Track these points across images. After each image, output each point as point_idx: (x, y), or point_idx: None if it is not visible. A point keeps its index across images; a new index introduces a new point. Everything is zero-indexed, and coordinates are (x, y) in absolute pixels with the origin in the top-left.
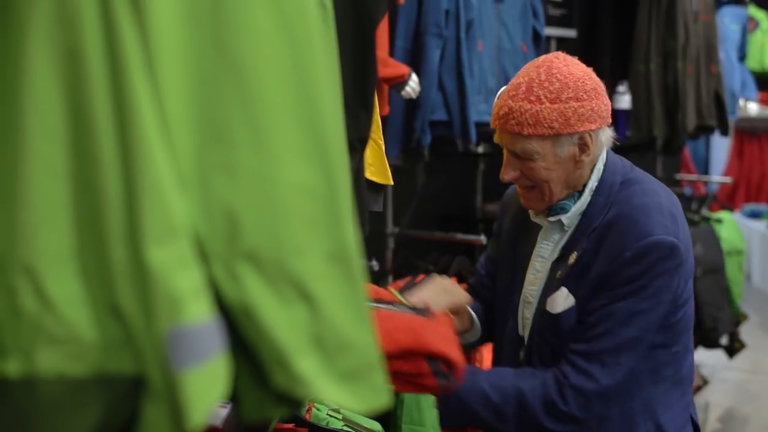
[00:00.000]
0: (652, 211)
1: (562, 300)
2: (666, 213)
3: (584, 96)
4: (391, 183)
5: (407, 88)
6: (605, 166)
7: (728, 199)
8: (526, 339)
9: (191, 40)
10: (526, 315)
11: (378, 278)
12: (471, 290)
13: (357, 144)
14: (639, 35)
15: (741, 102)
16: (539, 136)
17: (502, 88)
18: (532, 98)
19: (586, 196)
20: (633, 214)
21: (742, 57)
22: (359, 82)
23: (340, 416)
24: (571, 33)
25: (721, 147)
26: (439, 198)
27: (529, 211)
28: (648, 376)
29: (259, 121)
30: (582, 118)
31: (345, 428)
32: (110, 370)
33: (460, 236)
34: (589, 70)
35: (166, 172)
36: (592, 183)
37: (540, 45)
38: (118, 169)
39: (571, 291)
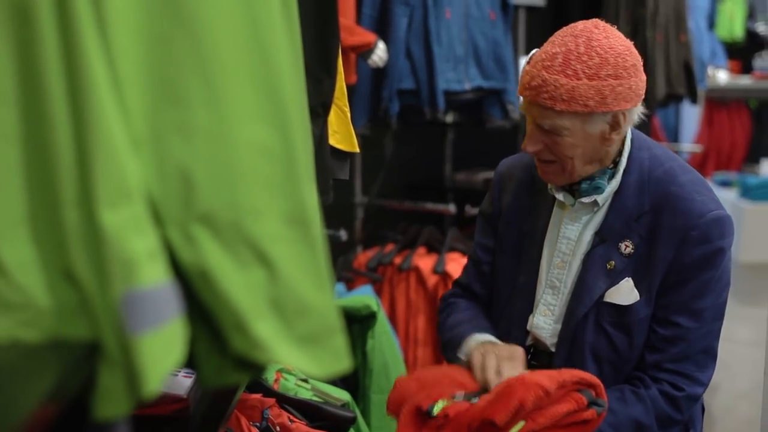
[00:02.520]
0: (702, 187)
1: (628, 293)
2: (710, 188)
3: (624, 74)
4: (357, 151)
5: (374, 57)
6: (632, 141)
7: (699, 168)
8: (551, 325)
9: None
10: (549, 300)
11: (346, 248)
12: (472, 294)
13: (320, 109)
14: (608, 4)
15: (710, 71)
16: (572, 113)
17: (534, 52)
18: (569, 72)
19: (620, 175)
20: (683, 193)
21: (711, 26)
22: (321, 46)
23: (308, 386)
24: (539, 1)
25: (691, 116)
26: (407, 167)
27: (551, 189)
28: None
29: (214, 81)
30: (619, 97)
31: (314, 398)
32: (65, 335)
33: (429, 206)
34: (629, 44)
35: (119, 133)
36: (623, 159)
37: (508, 13)
38: (70, 131)
39: (635, 283)
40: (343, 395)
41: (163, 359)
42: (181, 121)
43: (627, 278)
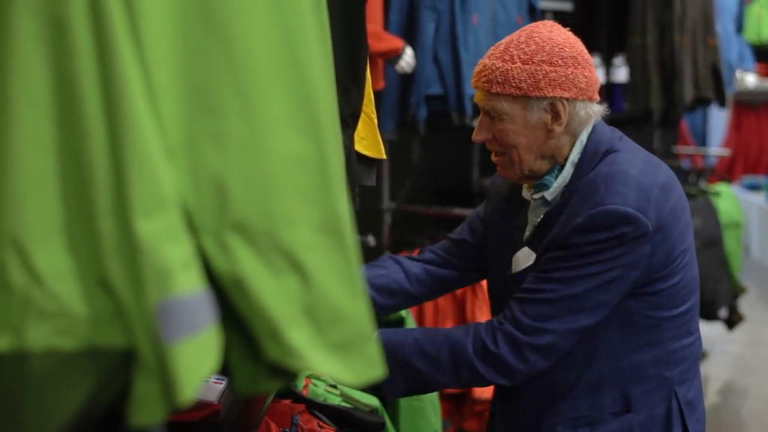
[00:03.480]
0: (615, 180)
1: (524, 259)
2: (631, 183)
3: (559, 61)
4: (384, 157)
5: (402, 63)
6: (589, 137)
7: (726, 172)
8: None
9: (179, 8)
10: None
11: (375, 253)
12: (430, 251)
13: (349, 120)
14: (635, 7)
15: (738, 74)
16: (508, 96)
17: None
18: (506, 57)
19: (568, 170)
20: (595, 181)
21: (739, 29)
22: (350, 57)
23: (337, 392)
24: (567, 5)
25: (719, 120)
26: (435, 172)
27: (523, 188)
28: (621, 344)
29: (248, 91)
30: (553, 83)
31: (343, 404)
32: (100, 343)
33: (456, 210)
34: (575, 40)
35: (154, 142)
36: (574, 156)
37: (536, 17)
38: (106, 141)
39: (533, 250)
40: (372, 401)
41: (197, 367)
42: (215, 131)
43: (525, 246)
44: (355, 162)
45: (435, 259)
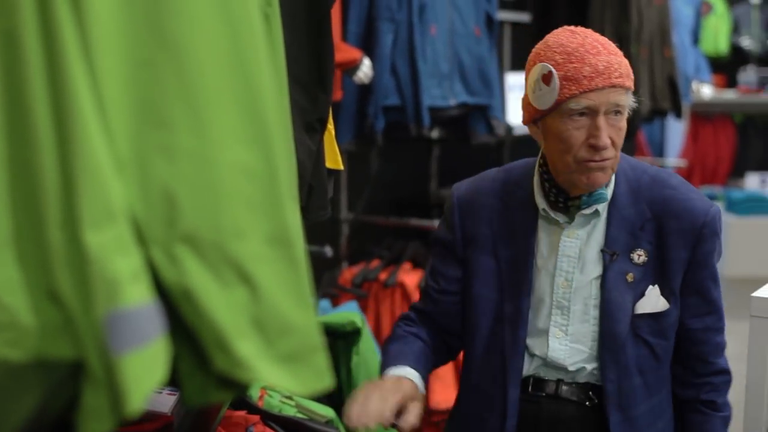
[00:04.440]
0: (689, 186)
1: (656, 299)
2: (678, 177)
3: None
4: (342, 168)
5: (359, 74)
6: None
7: None
8: (567, 345)
9: (128, 21)
10: (560, 321)
11: (332, 264)
12: (431, 322)
13: (317, 125)
14: (592, 19)
15: (694, 85)
16: (629, 89)
17: (543, 67)
18: (615, 51)
19: (613, 183)
20: (680, 195)
21: (695, 40)
22: (317, 63)
23: (293, 403)
24: (524, 17)
25: (676, 131)
26: (393, 183)
27: (543, 209)
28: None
29: (197, 104)
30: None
31: (298, 415)
32: (49, 354)
33: (414, 221)
34: None
35: (104, 155)
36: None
37: (493, 29)
38: (55, 153)
39: (661, 290)
40: (328, 412)
41: (146, 378)
42: (165, 143)
43: (650, 286)
44: (325, 167)
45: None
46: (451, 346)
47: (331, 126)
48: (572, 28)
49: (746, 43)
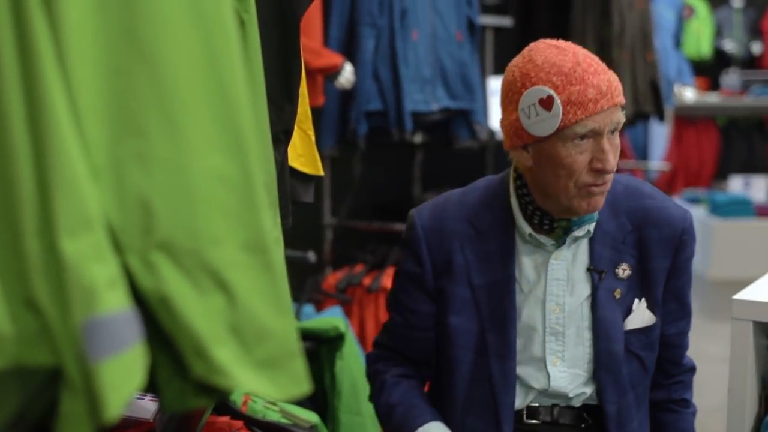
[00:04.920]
0: (662, 193)
1: (643, 313)
2: (650, 186)
3: None
4: (322, 174)
5: (341, 79)
6: None
7: (668, 186)
8: (565, 371)
9: (103, 31)
10: (555, 348)
11: (315, 269)
12: (403, 359)
13: (282, 136)
14: (574, 24)
15: (677, 89)
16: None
17: (537, 91)
18: (604, 67)
19: None
20: (657, 203)
21: (677, 44)
22: (283, 75)
23: (277, 408)
24: (506, 21)
25: (660, 134)
26: (376, 188)
27: (530, 233)
28: None
29: (172, 112)
30: None
31: (282, 420)
32: (27, 362)
33: (398, 226)
34: None
35: (79, 163)
36: None
37: (475, 34)
38: (31, 162)
39: (646, 302)
40: (312, 417)
41: (123, 385)
42: (141, 151)
43: (636, 300)
44: (289, 177)
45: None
46: (425, 377)
47: (311, 132)
48: (555, 42)
49: (729, 46)
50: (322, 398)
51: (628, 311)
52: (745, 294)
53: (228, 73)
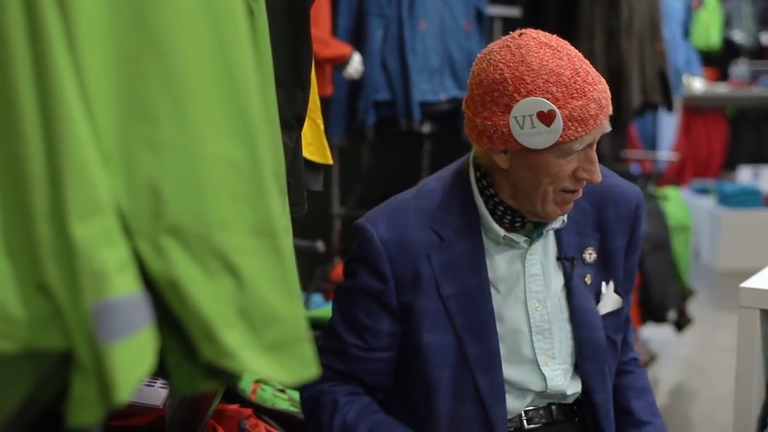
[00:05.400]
0: (609, 169)
1: (612, 295)
2: None
3: None
4: (331, 162)
5: (349, 69)
6: None
7: (677, 176)
8: (559, 368)
9: (113, 17)
10: (544, 347)
11: (324, 259)
12: (358, 383)
13: (294, 122)
14: (582, 13)
15: (685, 79)
16: None
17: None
18: (596, 72)
19: None
20: (610, 181)
21: (685, 34)
22: (294, 61)
23: (286, 396)
24: (515, 12)
25: (669, 124)
26: (385, 178)
27: (504, 235)
28: None
29: (181, 97)
30: None
31: (291, 408)
32: (39, 345)
33: None
34: None
35: (90, 149)
36: None
37: (484, 24)
38: (42, 147)
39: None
40: None
41: (134, 368)
42: (150, 137)
43: (604, 283)
44: (302, 165)
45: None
46: (381, 401)
47: (320, 121)
48: (544, 38)
49: (738, 36)
50: None
51: (598, 296)
52: (753, 282)
53: (237, 59)
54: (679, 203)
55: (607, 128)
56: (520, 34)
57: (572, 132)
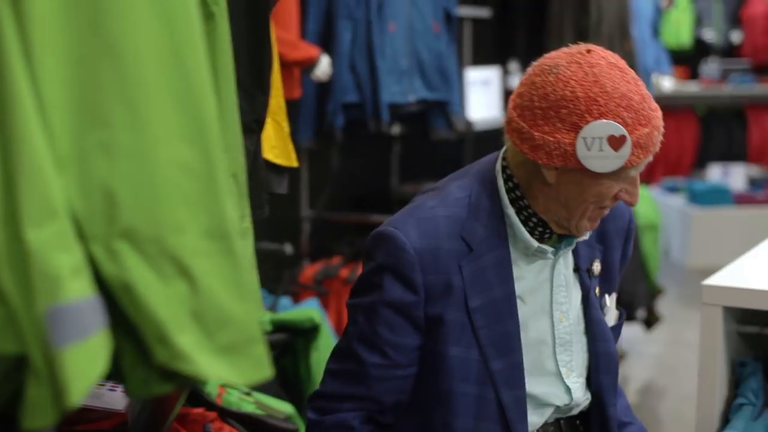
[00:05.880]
0: None
1: (614, 309)
2: None
3: None
4: (296, 165)
5: (317, 71)
6: None
7: (647, 175)
8: (577, 381)
9: (68, 22)
10: (565, 359)
11: (293, 262)
12: (373, 407)
13: (254, 125)
14: (552, 13)
15: (654, 78)
16: None
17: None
18: (651, 97)
19: None
20: None
21: (655, 33)
22: (255, 65)
23: (251, 399)
24: (484, 12)
25: None
26: (355, 180)
27: (539, 246)
28: None
29: (136, 102)
30: None
31: (256, 411)
32: None
33: (375, 218)
34: None
35: (44, 153)
36: None
37: (452, 25)
38: None
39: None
40: (287, 408)
41: (87, 371)
42: (105, 141)
43: (606, 295)
44: (263, 168)
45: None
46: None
47: (285, 123)
48: (616, 62)
49: (709, 35)
50: (297, 389)
51: (602, 309)
52: (715, 279)
53: (192, 64)
54: (649, 202)
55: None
56: (588, 51)
57: (635, 158)
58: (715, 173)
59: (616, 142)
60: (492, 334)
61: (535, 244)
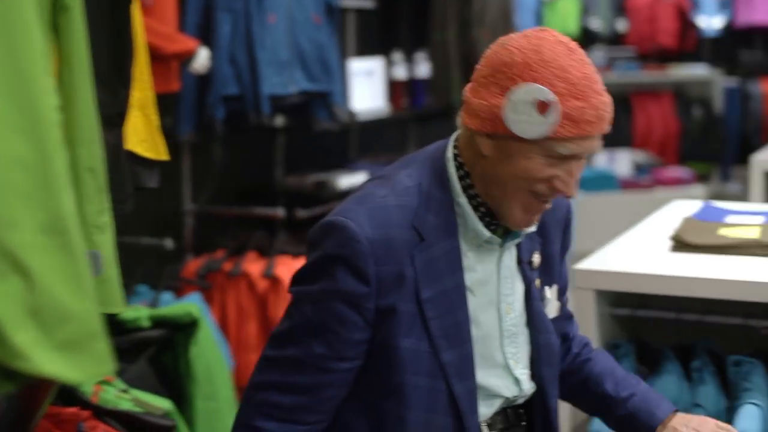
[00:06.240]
0: None
1: (554, 300)
2: None
3: None
4: (166, 158)
5: (195, 64)
6: None
7: None
8: (525, 372)
9: None
10: (512, 351)
11: (175, 256)
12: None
13: (116, 118)
14: (436, 3)
15: None
16: None
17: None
18: (604, 89)
19: None
20: None
21: (538, 22)
22: (115, 57)
23: (128, 396)
24: (368, 3)
25: None
26: (238, 173)
27: (490, 238)
28: None
29: None
30: None
31: (134, 408)
32: None
33: (257, 210)
34: None
35: None
36: None
37: (334, 16)
38: None
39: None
40: (165, 404)
41: None
42: None
43: (547, 287)
44: (125, 162)
45: None
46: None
47: (154, 116)
48: (568, 42)
49: (595, 24)
50: (177, 385)
51: (543, 301)
52: (587, 263)
53: (26, 58)
54: None
55: (597, 150)
56: (543, 30)
57: (564, 130)
58: (601, 159)
59: (542, 107)
60: (443, 325)
61: (486, 233)
